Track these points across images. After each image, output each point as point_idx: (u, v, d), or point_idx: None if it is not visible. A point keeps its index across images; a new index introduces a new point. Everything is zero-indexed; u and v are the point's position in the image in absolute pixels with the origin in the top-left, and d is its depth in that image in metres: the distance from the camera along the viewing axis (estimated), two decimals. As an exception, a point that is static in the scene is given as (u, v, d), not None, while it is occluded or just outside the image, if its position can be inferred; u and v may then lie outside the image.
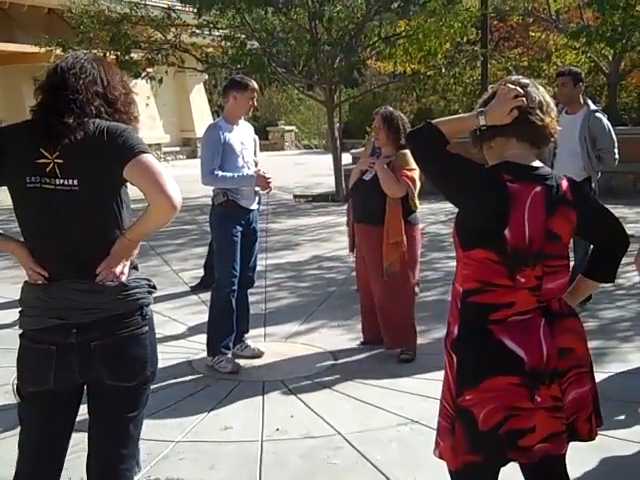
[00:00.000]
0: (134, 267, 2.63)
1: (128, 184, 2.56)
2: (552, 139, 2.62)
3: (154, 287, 2.68)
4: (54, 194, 2.47)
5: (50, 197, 2.47)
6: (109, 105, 2.57)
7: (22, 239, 2.60)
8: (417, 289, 6.75)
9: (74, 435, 2.71)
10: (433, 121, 2.61)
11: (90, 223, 2.51)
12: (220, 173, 5.18)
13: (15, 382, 2.63)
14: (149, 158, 2.48)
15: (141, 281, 2.61)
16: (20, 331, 2.62)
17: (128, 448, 2.66)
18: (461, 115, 2.73)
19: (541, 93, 2.58)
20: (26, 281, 2.59)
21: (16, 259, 2.62)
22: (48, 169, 2.46)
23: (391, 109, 5.66)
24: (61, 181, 2.46)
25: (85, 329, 2.49)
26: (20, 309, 2.60)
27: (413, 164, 5.19)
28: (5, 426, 4.09)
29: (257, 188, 5.36)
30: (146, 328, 2.59)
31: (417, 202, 5.45)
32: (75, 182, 2.46)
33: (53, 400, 2.58)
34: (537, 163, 2.59)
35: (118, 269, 2.52)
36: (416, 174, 5.29)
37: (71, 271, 2.50)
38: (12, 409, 2.65)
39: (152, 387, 4.96)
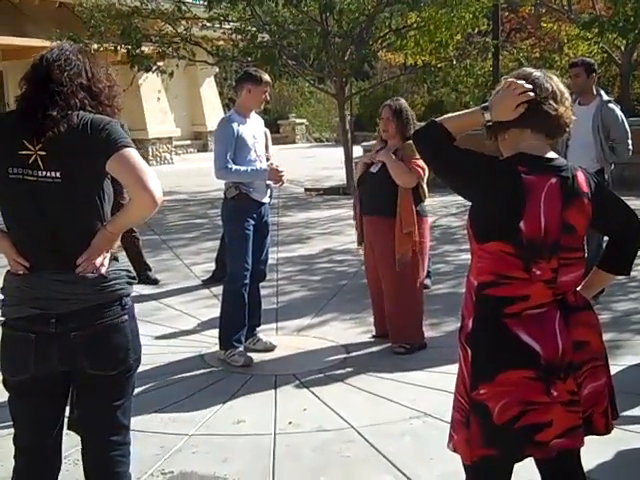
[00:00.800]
0: (115, 258, 2.65)
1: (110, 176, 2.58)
2: (567, 129, 2.59)
3: (134, 278, 2.72)
4: (36, 186, 2.49)
5: (32, 189, 2.49)
6: (93, 98, 2.59)
7: (5, 229, 2.63)
8: (429, 282, 6.77)
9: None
10: (438, 119, 2.60)
11: (72, 215, 2.53)
12: (234, 167, 5.17)
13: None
14: (132, 153, 2.50)
15: (121, 272, 2.64)
16: (2, 320, 2.65)
17: (119, 435, 2.68)
18: (466, 111, 2.71)
19: (555, 83, 2.55)
20: (8, 271, 2.62)
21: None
22: (30, 161, 2.48)
23: (401, 100, 5.65)
24: (43, 173, 2.48)
25: (64, 319, 2.52)
26: (2, 298, 2.64)
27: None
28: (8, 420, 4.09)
29: (269, 182, 5.35)
30: (125, 317, 2.62)
31: (426, 191, 5.45)
32: (58, 174, 2.48)
33: (36, 389, 2.60)
34: (552, 154, 2.57)
35: (98, 261, 2.55)
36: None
37: (52, 262, 2.53)
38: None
39: (165, 381, 5.02)
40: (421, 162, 5.29)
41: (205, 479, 3.72)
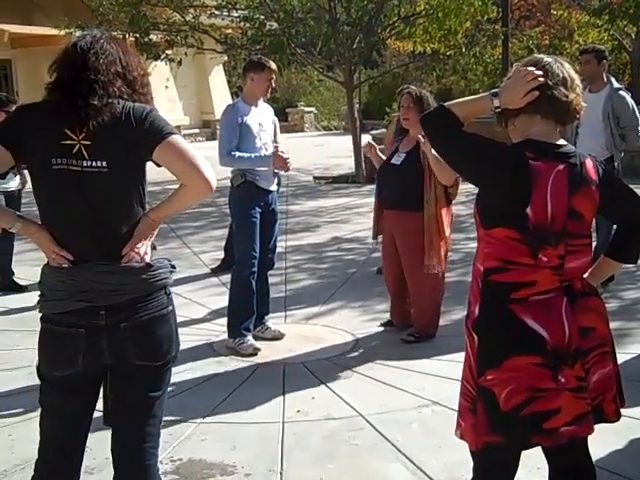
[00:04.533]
0: (153, 247, 2.62)
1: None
2: (577, 116, 2.58)
3: (174, 267, 2.68)
4: (81, 176, 2.45)
5: (77, 179, 2.45)
6: (128, 86, 2.55)
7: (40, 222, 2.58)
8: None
9: (97, 415, 2.72)
10: (446, 104, 2.58)
11: (117, 204, 2.50)
12: (237, 154, 5.17)
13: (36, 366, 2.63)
14: (179, 140, 2.48)
15: (164, 261, 2.61)
16: (40, 315, 2.59)
17: (152, 427, 2.66)
18: (475, 97, 2.69)
19: (566, 69, 2.54)
20: (47, 264, 2.56)
21: (35, 243, 2.60)
22: (74, 150, 2.44)
23: (416, 88, 5.62)
24: (89, 163, 2.44)
25: (113, 310, 2.48)
26: (41, 293, 2.58)
27: None
28: (30, 406, 4.12)
29: (276, 170, 5.34)
30: (171, 307, 2.60)
31: (456, 192, 5.39)
32: (104, 164, 2.44)
33: (78, 384, 2.57)
34: (561, 141, 2.56)
35: (142, 249, 2.52)
36: None
37: (96, 253, 2.48)
38: (36, 389, 2.67)
39: (174, 369, 5.02)
40: None
41: (214, 467, 3.74)
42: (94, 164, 2.44)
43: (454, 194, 5.35)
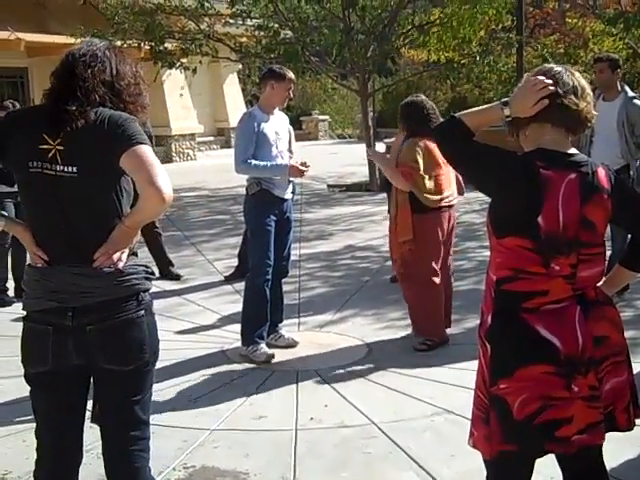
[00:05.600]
0: (133, 253, 2.68)
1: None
2: (588, 124, 2.58)
3: (152, 273, 2.74)
4: (55, 180, 2.52)
5: (51, 183, 2.53)
6: (115, 94, 2.61)
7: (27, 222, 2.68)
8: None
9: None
10: (457, 114, 2.59)
11: (89, 210, 2.56)
12: (254, 162, 5.19)
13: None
14: (144, 149, 2.51)
15: (138, 267, 2.65)
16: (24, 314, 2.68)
17: (138, 430, 2.69)
18: (486, 106, 2.69)
19: (576, 78, 2.54)
20: (29, 264, 2.66)
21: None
22: (50, 155, 2.52)
23: (411, 98, 5.63)
24: (61, 167, 2.52)
25: (81, 312, 2.54)
26: (24, 291, 2.68)
27: (416, 157, 5.16)
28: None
29: (291, 178, 5.36)
30: (142, 312, 2.62)
31: (431, 198, 5.28)
32: (74, 169, 2.51)
33: (55, 382, 2.63)
34: (572, 150, 2.56)
35: (116, 255, 2.56)
36: (420, 168, 5.19)
37: (69, 256, 2.55)
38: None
39: (187, 376, 5.04)
40: (408, 169, 5.20)
41: (226, 474, 3.75)
42: (66, 169, 2.52)
43: (426, 201, 5.26)
